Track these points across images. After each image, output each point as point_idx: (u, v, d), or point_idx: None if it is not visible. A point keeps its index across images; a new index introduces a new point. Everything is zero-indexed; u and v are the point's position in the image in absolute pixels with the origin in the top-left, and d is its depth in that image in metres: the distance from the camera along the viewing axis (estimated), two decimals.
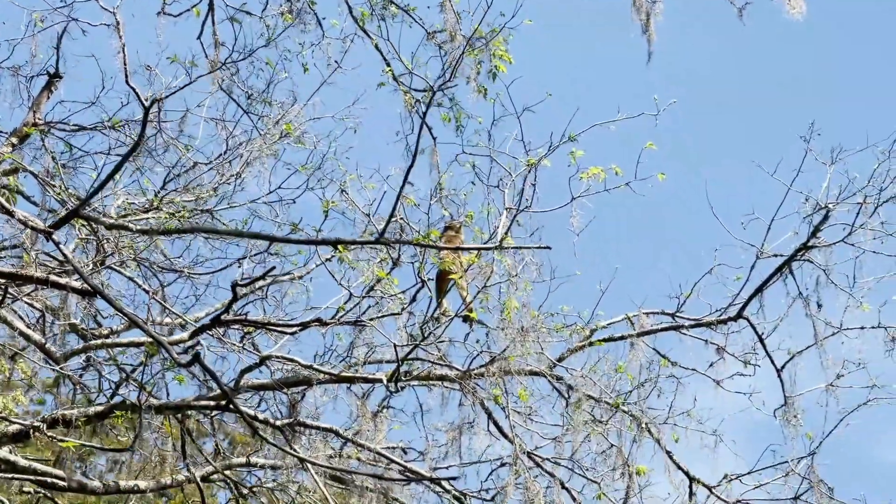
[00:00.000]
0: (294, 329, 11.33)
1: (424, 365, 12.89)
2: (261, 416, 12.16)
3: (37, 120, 13.50)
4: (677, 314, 13.12)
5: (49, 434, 10.80)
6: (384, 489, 13.22)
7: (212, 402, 12.12)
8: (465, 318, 13.37)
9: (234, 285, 10.12)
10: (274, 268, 11.24)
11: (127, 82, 10.92)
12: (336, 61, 12.80)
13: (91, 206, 11.47)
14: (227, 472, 14.21)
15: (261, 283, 11.51)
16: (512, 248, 10.73)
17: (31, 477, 10.84)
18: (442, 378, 12.89)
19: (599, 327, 13.00)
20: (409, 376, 12.89)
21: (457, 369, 12.63)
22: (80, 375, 13.27)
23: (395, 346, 11.16)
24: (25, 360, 12.07)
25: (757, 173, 12.83)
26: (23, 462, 11.01)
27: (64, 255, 7.85)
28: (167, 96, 10.96)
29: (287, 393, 13.00)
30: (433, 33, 13.25)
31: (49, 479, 11.01)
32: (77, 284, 8.46)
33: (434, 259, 11.30)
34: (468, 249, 11.19)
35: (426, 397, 13.72)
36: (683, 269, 13.50)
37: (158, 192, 13.55)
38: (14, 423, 10.97)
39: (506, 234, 10.57)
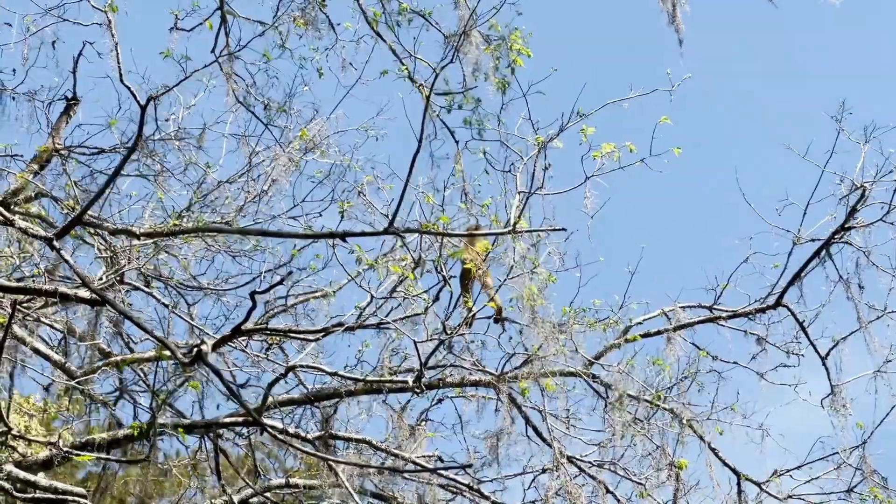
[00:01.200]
0: (317, 336, 11.04)
1: (458, 371, 12.65)
2: (291, 430, 11.87)
3: (56, 145, 13.39)
4: (714, 306, 12.71)
5: (70, 451, 10.57)
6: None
7: (240, 419, 11.85)
8: (496, 319, 13.08)
9: (253, 294, 9.83)
10: (291, 272, 10.98)
11: (121, 80, 10.71)
12: (350, 63, 12.54)
13: (106, 220, 11.43)
14: (268, 495, 13.92)
15: (281, 291, 11.24)
16: (525, 231, 10.38)
17: (53, 496, 10.60)
18: (476, 383, 12.57)
19: (634, 323, 12.64)
20: (442, 383, 12.60)
21: (490, 373, 12.29)
22: (115, 401, 13.08)
23: (415, 343, 10.80)
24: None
25: (788, 158, 12.45)
26: (44, 482, 10.79)
27: (67, 262, 7.62)
28: (163, 93, 10.72)
29: (319, 407, 12.74)
30: (450, 36, 13.03)
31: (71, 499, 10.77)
32: (86, 295, 8.24)
33: (454, 253, 10.89)
34: (482, 235, 10.83)
35: (463, 407, 13.50)
36: (719, 260, 13.07)
37: (182, 213, 13.37)
38: (34, 441, 10.76)
39: (519, 217, 10.22)
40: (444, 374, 12.63)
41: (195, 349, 7.36)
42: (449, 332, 11.04)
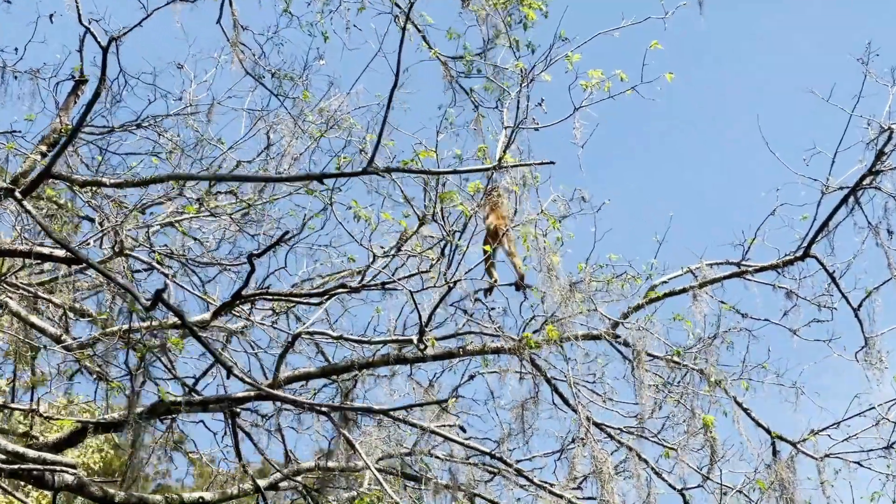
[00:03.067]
0: (320, 299, 10.70)
1: (478, 339, 12.30)
2: (306, 403, 11.55)
3: (65, 125, 13.15)
4: (742, 262, 12.22)
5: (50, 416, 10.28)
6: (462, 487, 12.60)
7: (252, 393, 11.54)
8: (518, 286, 12.71)
9: (251, 256, 9.54)
10: (288, 232, 10.64)
11: (80, 21, 10.37)
12: (355, 25, 12.20)
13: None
14: (298, 478, 13.64)
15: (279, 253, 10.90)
16: (512, 165, 9.99)
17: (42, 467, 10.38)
18: (497, 350, 12.18)
19: (660, 282, 12.19)
20: (462, 351, 12.24)
21: (511, 338, 11.90)
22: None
23: (411, 293, 10.37)
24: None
25: (816, 105, 11.91)
26: (32, 454, 10.55)
27: (33, 217, 7.35)
28: (124, 33, 10.38)
29: (336, 380, 12.43)
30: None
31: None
32: (61, 254, 7.96)
33: (444, 195, 10.45)
34: (468, 171, 10.39)
35: (498, 381, 13.13)
36: (746, 214, 12.56)
37: (201, 199, 13.11)
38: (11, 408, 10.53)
39: (505, 151, 9.83)
40: (465, 341, 12.30)
41: (156, 292, 7.04)
42: (451, 283, 10.58)
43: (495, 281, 12.60)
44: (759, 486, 11.48)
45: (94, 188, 10.73)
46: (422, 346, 10.95)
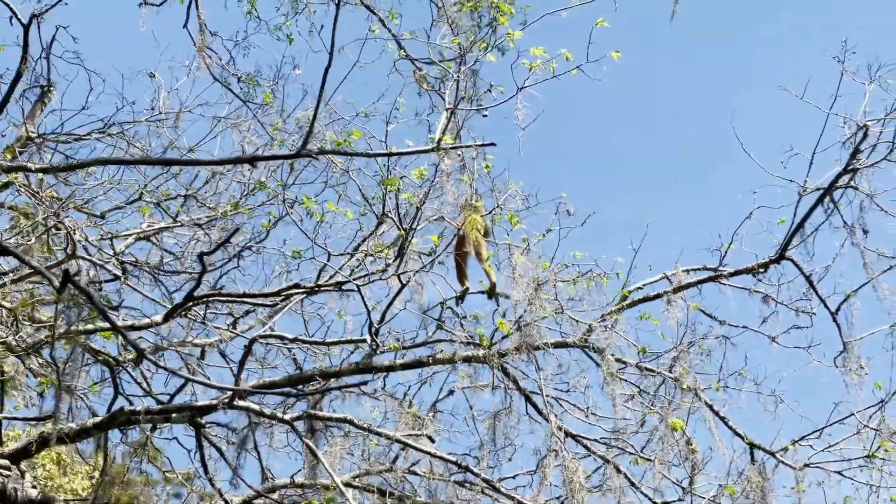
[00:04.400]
0: (274, 300, 10.41)
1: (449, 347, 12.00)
2: (267, 412, 11.26)
3: (30, 133, 12.94)
4: (720, 268, 11.89)
5: None
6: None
7: (214, 402, 11.26)
8: (490, 294, 12.44)
9: (202, 255, 9.28)
10: (238, 228, 10.37)
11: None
12: (322, 25, 11.95)
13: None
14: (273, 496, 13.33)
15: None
16: (451, 147, 9.69)
17: None
18: (468, 359, 11.87)
19: (635, 288, 11.87)
20: (432, 360, 11.93)
21: (479, 345, 11.61)
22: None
23: (359, 291, 10.06)
24: None
25: (794, 105, 11.60)
26: None
27: None
28: (47, 10, 10.12)
29: (302, 391, 12.12)
30: None
31: None
32: None
33: (388, 180, 10.13)
34: (405, 154, 10.06)
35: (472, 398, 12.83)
36: (723, 218, 12.22)
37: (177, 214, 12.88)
38: None
39: (443, 133, 9.55)
40: (436, 349, 12.00)
41: (64, 272, 6.76)
42: (404, 282, 10.26)
43: (466, 288, 12.34)
44: (728, 492, 11.12)
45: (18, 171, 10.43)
46: (374, 346, 10.63)
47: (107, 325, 9.93)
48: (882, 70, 11.30)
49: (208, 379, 12.80)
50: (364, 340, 10.48)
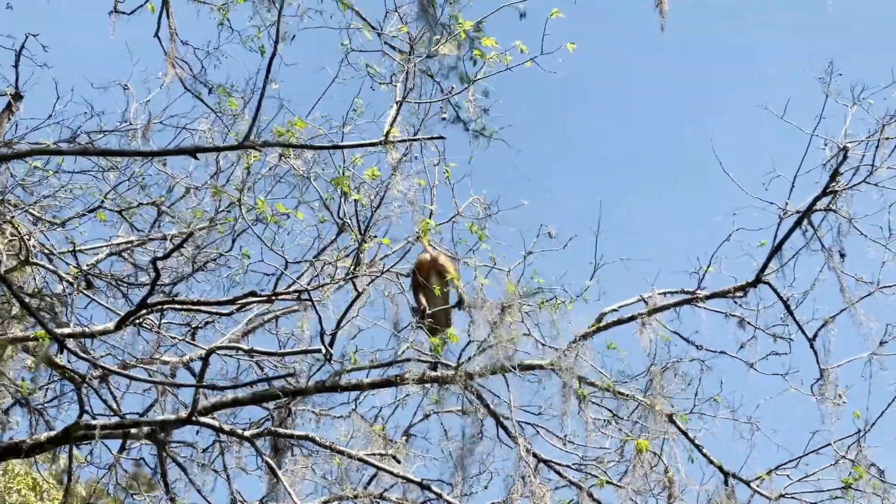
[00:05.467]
0: (230, 308, 10.13)
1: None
2: (227, 427, 10.96)
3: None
4: (697, 291, 11.59)
5: None
6: None
7: (172, 417, 10.97)
8: (459, 305, 12.12)
9: (154, 260, 9.01)
10: (192, 233, 10.08)
11: None
12: (294, 35, 11.65)
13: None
14: None
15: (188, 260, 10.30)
16: (399, 140, 9.42)
17: None
18: (436, 380, 11.57)
19: (609, 310, 11.57)
20: (400, 380, 11.63)
21: (447, 364, 11.32)
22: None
23: (311, 300, 9.73)
24: None
25: (777, 127, 11.35)
26: None
27: None
28: None
29: (266, 408, 11.85)
30: None
31: None
32: None
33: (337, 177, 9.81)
34: (348, 147, 9.75)
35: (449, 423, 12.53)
36: (703, 240, 11.94)
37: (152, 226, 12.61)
38: None
39: (391, 126, 9.29)
40: (404, 369, 11.70)
41: None
42: (354, 279, 9.91)
43: (424, 308, 11.97)
44: None
45: None
46: (328, 356, 10.33)
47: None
48: (865, 93, 11.05)
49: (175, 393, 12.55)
50: (318, 350, 10.17)
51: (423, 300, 11.74)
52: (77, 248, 11.95)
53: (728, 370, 11.71)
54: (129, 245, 12.51)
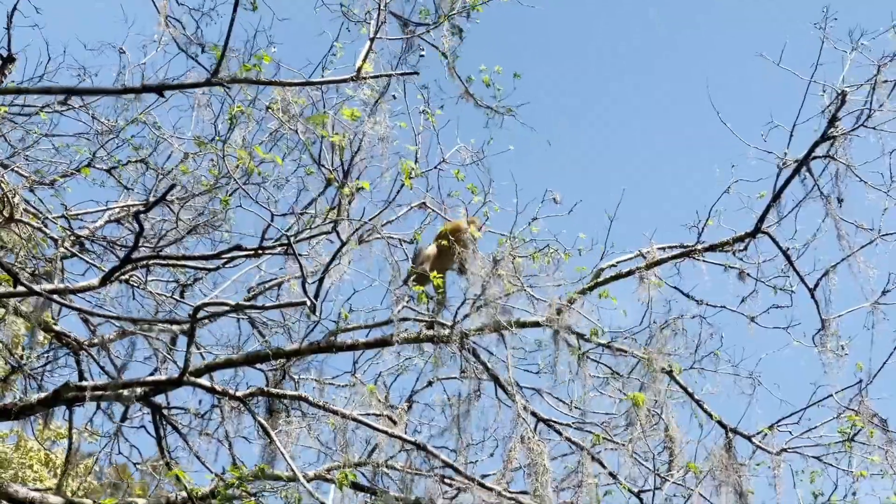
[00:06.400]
0: (216, 263, 9.97)
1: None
2: (219, 388, 10.82)
3: None
4: (697, 245, 11.37)
5: None
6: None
7: (163, 378, 10.85)
8: (460, 271, 11.95)
9: (137, 214, 8.87)
10: (175, 185, 9.91)
11: None
12: None
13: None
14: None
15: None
16: (371, 76, 9.22)
17: None
18: (432, 339, 11.40)
19: (608, 266, 11.38)
20: (396, 339, 11.45)
21: (442, 324, 11.15)
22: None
23: (295, 253, 9.53)
24: None
25: (775, 76, 11.11)
26: None
27: None
28: None
29: (261, 370, 11.70)
30: None
31: None
32: None
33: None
34: (320, 84, 9.55)
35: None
36: (702, 194, 11.69)
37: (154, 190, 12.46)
38: None
39: (364, 61, 9.10)
40: (398, 329, 11.53)
41: None
42: (336, 225, 9.71)
43: (424, 274, 11.77)
44: (692, 470, 10.63)
45: None
46: (312, 307, 10.14)
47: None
48: (864, 38, 10.81)
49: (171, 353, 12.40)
50: (303, 303, 10.01)
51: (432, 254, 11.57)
52: (74, 214, 11.87)
53: (729, 325, 11.53)
54: (127, 211, 12.40)
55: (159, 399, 11.74)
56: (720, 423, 11.13)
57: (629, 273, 11.22)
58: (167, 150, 12.38)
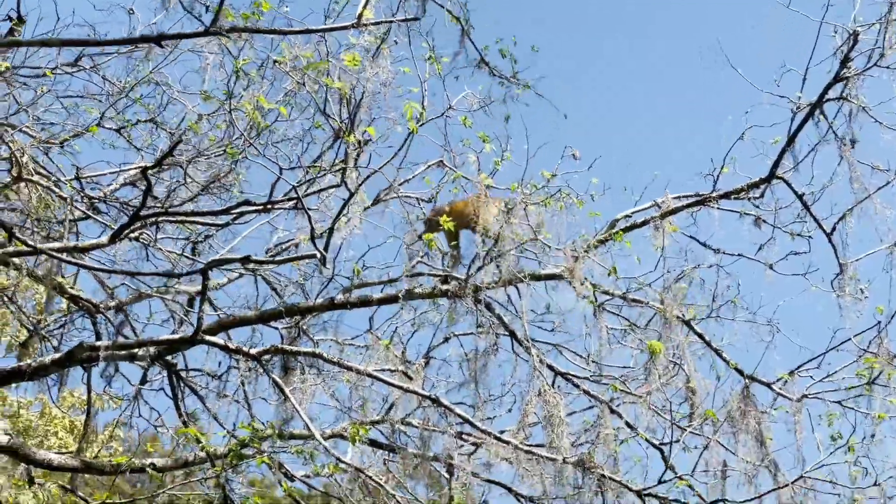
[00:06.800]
0: (225, 219, 9.91)
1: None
2: (232, 346, 10.78)
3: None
4: (712, 193, 11.23)
5: None
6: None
7: (176, 336, 10.82)
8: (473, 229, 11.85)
9: (145, 170, 8.80)
10: (181, 140, 9.84)
11: None
12: None
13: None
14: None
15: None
16: (372, 23, 9.13)
17: None
18: (447, 294, 11.31)
19: (622, 216, 11.26)
20: (410, 294, 11.38)
21: (455, 278, 11.06)
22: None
23: (304, 206, 9.43)
24: None
25: (784, 19, 10.94)
26: None
27: None
28: None
29: (277, 328, 11.64)
30: None
31: None
32: None
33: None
34: (320, 31, 9.43)
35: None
36: (717, 143, 11.54)
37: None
38: None
39: (364, 7, 9.01)
40: (413, 284, 11.45)
41: None
42: (343, 174, 9.60)
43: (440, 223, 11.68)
44: (711, 417, 10.53)
45: None
46: (322, 259, 10.07)
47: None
48: None
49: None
50: (313, 255, 9.92)
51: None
52: (86, 176, 11.83)
53: (746, 273, 11.41)
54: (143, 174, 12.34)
55: (177, 362, 11.71)
56: (738, 370, 11.02)
57: (644, 223, 11.10)
58: (178, 110, 12.35)
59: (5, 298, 12.22)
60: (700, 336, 11.06)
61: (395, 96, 9.59)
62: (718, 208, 11.01)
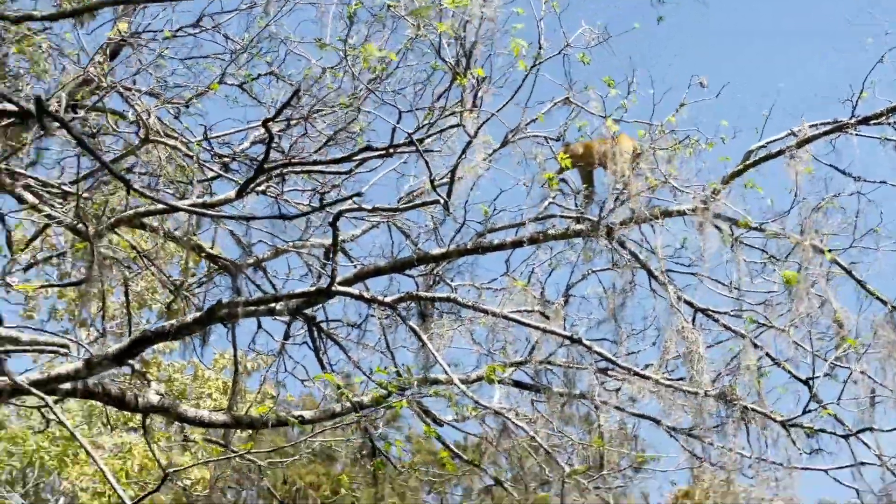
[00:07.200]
0: (348, 166, 9.92)
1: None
2: (367, 295, 10.83)
3: (123, 32, 12.63)
4: (851, 119, 10.88)
5: None
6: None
7: (311, 289, 10.91)
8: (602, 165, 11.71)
9: (266, 122, 8.84)
10: (300, 89, 9.84)
11: None
12: None
13: None
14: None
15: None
16: None
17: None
18: (580, 234, 11.21)
19: (757, 147, 11.00)
20: (543, 236, 11.30)
21: (588, 219, 10.95)
22: None
23: (419, 150, 9.38)
24: None
25: None
26: (24, 337, 10.19)
27: None
28: None
29: (412, 276, 11.66)
30: None
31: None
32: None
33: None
34: None
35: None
36: (853, 70, 11.14)
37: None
38: None
39: None
40: (547, 225, 11.38)
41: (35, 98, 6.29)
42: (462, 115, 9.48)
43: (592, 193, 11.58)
44: (853, 346, 10.28)
45: None
46: (445, 204, 10.01)
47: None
48: None
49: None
50: (436, 201, 9.88)
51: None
52: (215, 136, 11.93)
53: (888, 201, 11.06)
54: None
55: (315, 315, 11.81)
56: (880, 299, 10.72)
57: (780, 153, 10.83)
58: (298, 64, 12.35)
59: (147, 261, 12.42)
60: (843, 267, 10.77)
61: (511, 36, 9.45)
62: (857, 134, 10.67)
